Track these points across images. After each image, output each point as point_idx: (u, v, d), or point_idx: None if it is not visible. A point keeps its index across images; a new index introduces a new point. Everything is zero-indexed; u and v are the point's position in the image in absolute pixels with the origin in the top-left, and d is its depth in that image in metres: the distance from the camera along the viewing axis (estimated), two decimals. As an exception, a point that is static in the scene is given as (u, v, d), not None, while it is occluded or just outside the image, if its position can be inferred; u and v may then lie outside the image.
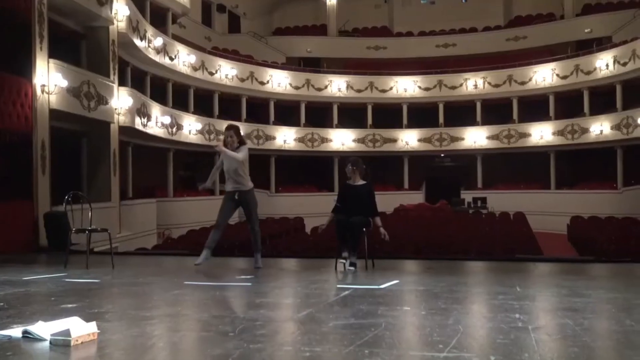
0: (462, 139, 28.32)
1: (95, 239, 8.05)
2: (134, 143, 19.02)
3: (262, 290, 5.64)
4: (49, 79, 12.07)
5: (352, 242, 7.15)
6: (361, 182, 7.38)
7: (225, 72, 25.62)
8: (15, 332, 3.45)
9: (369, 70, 29.52)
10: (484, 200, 25.96)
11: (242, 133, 7.51)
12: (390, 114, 28.98)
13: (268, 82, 27.42)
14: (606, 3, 29.33)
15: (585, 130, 25.61)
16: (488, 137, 27.95)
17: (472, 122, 28.43)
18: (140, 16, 18.34)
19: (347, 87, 28.93)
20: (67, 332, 3.21)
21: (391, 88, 29.09)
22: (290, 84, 28.09)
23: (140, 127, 18.05)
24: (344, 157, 28.18)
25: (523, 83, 27.61)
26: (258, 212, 7.49)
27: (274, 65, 28.67)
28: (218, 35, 29.25)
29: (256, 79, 26.98)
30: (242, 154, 7.17)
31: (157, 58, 20.47)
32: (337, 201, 7.44)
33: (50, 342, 3.24)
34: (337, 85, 28.83)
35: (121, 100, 16.00)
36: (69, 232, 7.56)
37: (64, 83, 12.60)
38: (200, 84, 24.48)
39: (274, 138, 27.38)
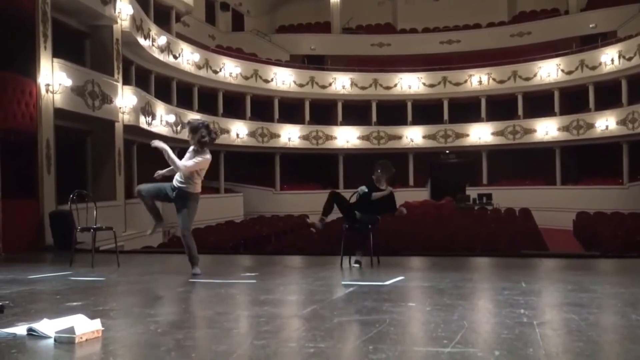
0: (467, 135, 28.24)
1: (101, 237, 8.06)
2: (138, 142, 19.04)
3: (266, 287, 5.64)
4: (54, 78, 12.09)
5: (359, 239, 7.16)
6: (385, 187, 7.31)
7: (229, 70, 25.62)
8: (20, 329, 3.47)
9: (373, 68, 29.43)
10: (489, 196, 25.88)
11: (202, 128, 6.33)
12: (394, 111, 28.93)
13: (272, 80, 27.40)
14: (610, -3, 29.21)
15: (590, 126, 25.50)
16: (493, 134, 27.86)
17: (476, 119, 28.36)
18: (144, 15, 18.36)
19: (351, 85, 28.88)
20: (71, 330, 3.22)
21: (395, 85, 29.03)
22: (295, 82, 28.06)
23: (145, 126, 18.08)
24: (349, 155, 28.41)
25: (528, 79, 27.50)
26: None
27: (278, 63, 28.65)
28: (222, 34, 29.26)
29: (260, 77, 26.97)
30: (190, 163, 6.29)
31: (161, 57, 20.50)
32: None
33: (55, 340, 3.25)
34: (341, 83, 28.79)
35: (125, 99, 16.01)
36: (74, 230, 7.57)
37: (69, 82, 12.62)
38: (205, 82, 24.51)
39: (279, 136, 27.36)
